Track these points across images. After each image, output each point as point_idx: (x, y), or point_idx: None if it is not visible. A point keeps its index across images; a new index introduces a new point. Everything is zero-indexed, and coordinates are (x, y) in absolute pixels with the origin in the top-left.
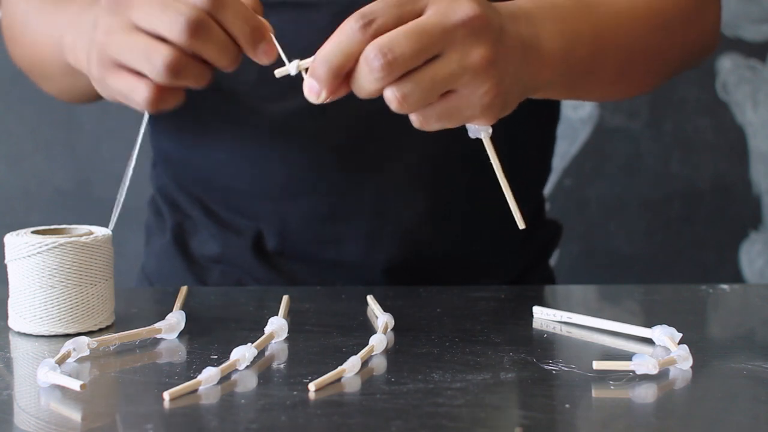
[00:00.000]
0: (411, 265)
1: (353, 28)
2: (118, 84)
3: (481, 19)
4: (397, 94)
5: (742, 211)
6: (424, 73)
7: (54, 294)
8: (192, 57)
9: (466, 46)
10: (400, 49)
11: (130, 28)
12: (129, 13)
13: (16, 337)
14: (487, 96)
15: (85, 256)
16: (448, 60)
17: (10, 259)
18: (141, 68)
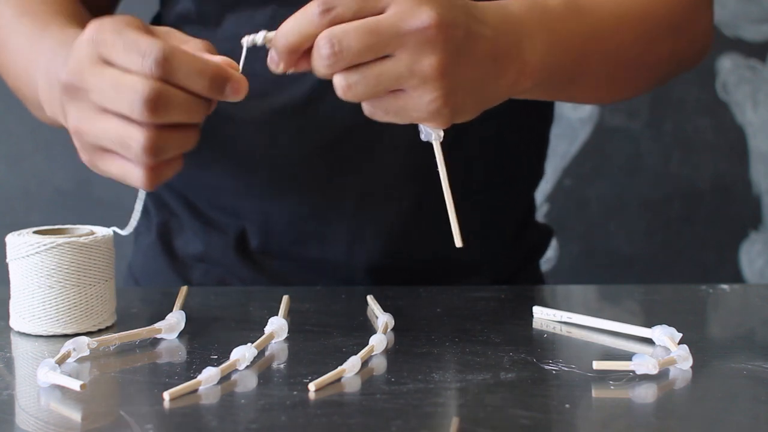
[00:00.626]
0: (394, 264)
1: (313, 12)
2: (110, 169)
3: (438, 28)
4: (343, 83)
5: (742, 211)
6: (371, 68)
7: (53, 294)
8: (166, 129)
9: (417, 53)
10: (347, 42)
11: (96, 112)
12: (89, 97)
13: (16, 337)
14: (434, 104)
15: (84, 256)
16: (396, 61)
17: (11, 258)
18: (123, 154)
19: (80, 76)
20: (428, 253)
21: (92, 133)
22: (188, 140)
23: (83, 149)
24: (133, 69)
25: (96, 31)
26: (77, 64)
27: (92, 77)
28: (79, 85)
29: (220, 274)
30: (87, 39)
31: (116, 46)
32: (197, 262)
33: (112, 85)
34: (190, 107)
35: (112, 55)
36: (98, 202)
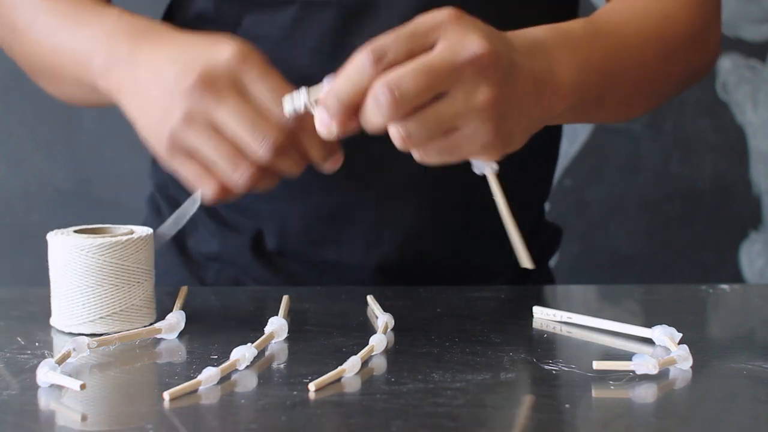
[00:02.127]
0: (409, 267)
1: (364, 63)
2: (186, 171)
3: (490, 57)
4: (402, 132)
5: (742, 211)
6: (428, 112)
7: (98, 293)
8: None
9: (472, 86)
10: (407, 86)
11: (211, 126)
12: (215, 111)
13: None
14: (489, 135)
15: (127, 255)
16: (453, 99)
17: (55, 258)
18: (221, 173)
19: (216, 89)
20: (445, 257)
21: (199, 140)
22: (271, 186)
23: (172, 145)
24: (269, 113)
25: (241, 56)
26: (215, 75)
27: (230, 100)
28: (210, 95)
29: (234, 274)
30: (232, 59)
31: (260, 86)
32: (211, 262)
33: (247, 116)
34: (297, 165)
35: (254, 92)
36: (98, 202)
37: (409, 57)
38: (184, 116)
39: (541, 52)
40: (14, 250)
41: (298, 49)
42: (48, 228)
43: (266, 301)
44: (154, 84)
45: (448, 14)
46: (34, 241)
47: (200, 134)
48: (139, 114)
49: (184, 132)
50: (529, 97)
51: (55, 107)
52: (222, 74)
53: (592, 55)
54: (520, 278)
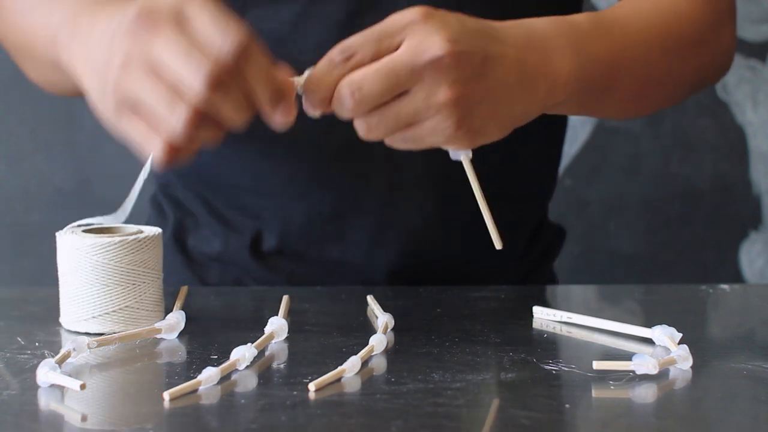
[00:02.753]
0: (413, 267)
1: (333, 60)
2: (131, 131)
3: (451, 57)
4: (364, 126)
5: (742, 211)
6: (389, 109)
7: (108, 293)
8: (207, 117)
9: (432, 85)
10: (368, 87)
11: (149, 67)
12: (151, 46)
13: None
14: (451, 129)
15: (137, 254)
16: (413, 97)
17: (64, 258)
18: (159, 119)
19: (153, 21)
20: (448, 256)
21: (136, 85)
22: (216, 139)
23: (115, 102)
24: (210, 44)
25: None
26: (153, 8)
27: (166, 30)
28: (146, 30)
29: (236, 274)
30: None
31: (202, 15)
32: (213, 262)
33: (183, 48)
34: (239, 107)
35: (195, 21)
36: (98, 202)
37: (375, 57)
38: (123, 61)
39: (536, 42)
40: (14, 250)
41: (302, 44)
42: (48, 228)
43: (266, 301)
44: (99, 42)
45: (417, 14)
46: (34, 241)
47: (138, 78)
48: (89, 80)
49: (124, 79)
50: (510, 89)
51: (55, 107)
52: (162, 7)
53: (596, 47)
54: (524, 278)
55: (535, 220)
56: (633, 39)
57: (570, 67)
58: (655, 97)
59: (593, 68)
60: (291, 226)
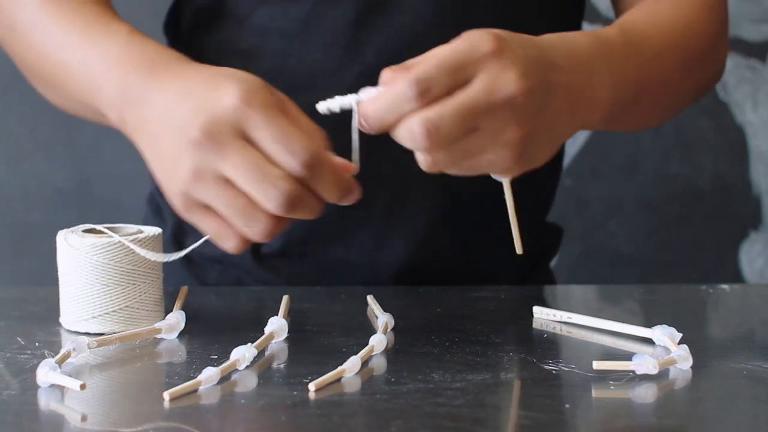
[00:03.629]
0: (417, 268)
1: (407, 94)
2: (206, 226)
3: (524, 97)
4: (429, 161)
5: (742, 211)
6: (457, 145)
7: (108, 293)
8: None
9: (503, 123)
10: (446, 128)
11: (221, 179)
12: (222, 165)
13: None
14: (509, 162)
15: (137, 254)
16: (482, 134)
17: (64, 258)
18: (237, 227)
19: (218, 143)
20: (450, 258)
21: (211, 195)
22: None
23: (185, 201)
24: (279, 162)
25: (244, 102)
26: (216, 128)
27: (232, 152)
28: (212, 150)
29: (236, 275)
30: (233, 107)
31: (266, 132)
32: (213, 263)
33: (254, 169)
34: (314, 210)
35: (259, 139)
36: (98, 202)
37: (449, 92)
38: (193, 173)
39: (581, 65)
40: (14, 250)
41: (311, 43)
42: (48, 228)
43: (266, 301)
44: (163, 130)
45: (489, 47)
46: (34, 241)
47: (211, 190)
48: (154, 163)
49: (195, 189)
50: (561, 117)
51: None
52: (225, 124)
53: (627, 65)
54: (523, 278)
55: (537, 224)
56: (656, 52)
57: (606, 91)
58: (668, 109)
59: (625, 89)
60: (295, 228)
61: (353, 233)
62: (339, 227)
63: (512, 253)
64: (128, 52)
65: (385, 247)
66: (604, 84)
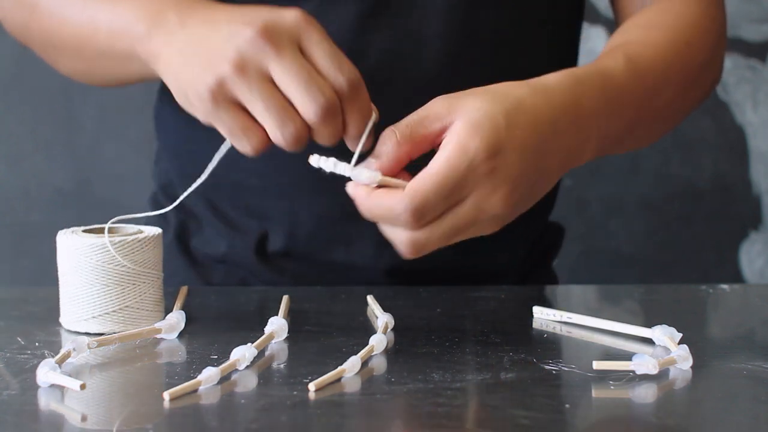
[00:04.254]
0: (419, 269)
1: (406, 220)
2: (230, 121)
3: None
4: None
5: (742, 211)
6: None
7: (109, 293)
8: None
9: (483, 230)
10: (431, 246)
11: (267, 78)
12: (272, 63)
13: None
14: (493, 229)
15: (137, 254)
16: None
17: (64, 258)
18: (267, 126)
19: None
20: (452, 258)
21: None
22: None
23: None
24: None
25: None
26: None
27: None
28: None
29: (241, 275)
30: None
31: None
32: (217, 263)
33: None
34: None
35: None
36: (98, 202)
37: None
38: (237, 63)
39: (582, 130)
40: (14, 250)
41: None
42: (48, 228)
43: (266, 301)
44: (202, 42)
45: (485, 168)
46: (34, 241)
47: (252, 84)
48: (180, 69)
49: (235, 80)
50: (552, 177)
51: (55, 107)
52: (285, 29)
53: (626, 100)
54: (524, 278)
55: (538, 227)
56: (657, 81)
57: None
58: (667, 126)
59: (620, 123)
60: (298, 227)
61: (356, 235)
62: (342, 229)
63: (514, 253)
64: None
65: (387, 249)
66: (600, 128)
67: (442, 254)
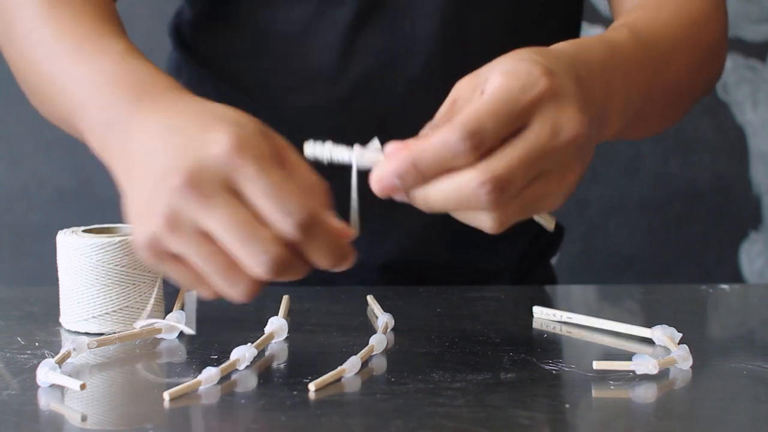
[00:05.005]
0: (413, 267)
1: (458, 147)
2: (177, 275)
3: (586, 135)
4: (497, 219)
5: (742, 211)
6: (528, 195)
7: (110, 293)
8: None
9: (566, 165)
10: (516, 183)
11: (201, 234)
12: (204, 218)
13: (17, 337)
14: (561, 200)
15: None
16: (548, 182)
17: (64, 258)
18: (213, 285)
19: (202, 194)
20: (449, 257)
21: (185, 247)
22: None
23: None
24: (270, 222)
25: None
26: (202, 177)
27: (218, 206)
28: (195, 200)
29: None
30: (223, 156)
31: (258, 187)
32: None
33: (241, 228)
34: (301, 273)
35: (251, 194)
36: (98, 202)
37: (503, 138)
38: (167, 220)
39: (599, 79)
40: (14, 250)
41: (312, 46)
42: (48, 228)
43: (266, 301)
44: (143, 168)
45: (542, 87)
46: (34, 241)
47: (186, 242)
48: (128, 199)
49: (167, 237)
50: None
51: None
52: (212, 173)
53: (638, 72)
54: (523, 277)
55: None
56: (665, 54)
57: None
58: (677, 112)
59: (635, 97)
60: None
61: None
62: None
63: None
64: (118, 75)
65: (380, 247)
66: (619, 97)
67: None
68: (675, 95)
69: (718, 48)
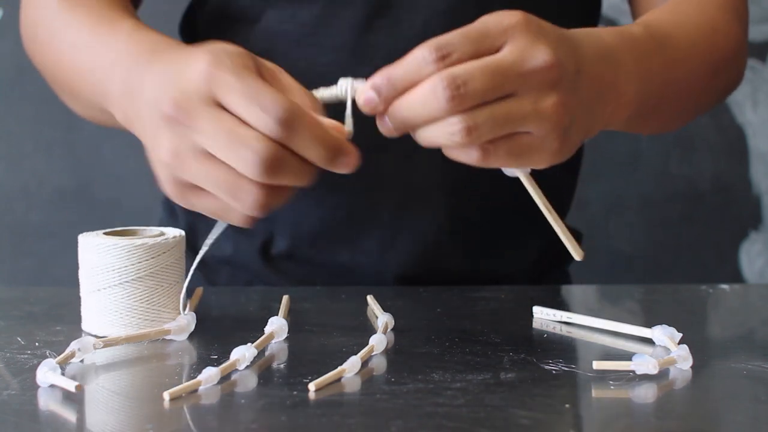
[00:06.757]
0: (424, 274)
1: (426, 58)
2: (204, 205)
3: (557, 69)
4: (469, 123)
5: (742, 211)
6: (498, 107)
7: (132, 296)
8: (274, 187)
9: (540, 92)
10: (474, 83)
11: (199, 153)
12: (194, 137)
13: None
14: (557, 142)
15: (161, 257)
16: (521, 101)
17: (86, 260)
18: (227, 201)
19: (188, 113)
20: (459, 263)
21: (191, 171)
22: (291, 195)
23: (172, 181)
24: (251, 123)
25: (212, 66)
26: (185, 98)
27: (203, 120)
28: (184, 122)
29: (246, 277)
30: (201, 73)
31: (235, 92)
32: (223, 265)
33: (226, 134)
34: (302, 173)
35: (230, 101)
36: (98, 202)
37: (474, 57)
38: (172, 152)
39: (608, 58)
40: (14, 250)
41: (320, 47)
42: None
43: (266, 301)
44: (147, 114)
45: (516, 19)
46: (34, 241)
47: (192, 166)
48: (149, 154)
49: (177, 168)
50: (592, 105)
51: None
52: (193, 92)
53: (653, 64)
54: (537, 282)
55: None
56: (682, 55)
57: (633, 87)
58: (691, 112)
59: (651, 86)
60: (302, 230)
61: (360, 238)
62: (346, 231)
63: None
64: (130, 46)
65: (391, 253)
66: (629, 77)
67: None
68: (689, 95)
69: (735, 57)
